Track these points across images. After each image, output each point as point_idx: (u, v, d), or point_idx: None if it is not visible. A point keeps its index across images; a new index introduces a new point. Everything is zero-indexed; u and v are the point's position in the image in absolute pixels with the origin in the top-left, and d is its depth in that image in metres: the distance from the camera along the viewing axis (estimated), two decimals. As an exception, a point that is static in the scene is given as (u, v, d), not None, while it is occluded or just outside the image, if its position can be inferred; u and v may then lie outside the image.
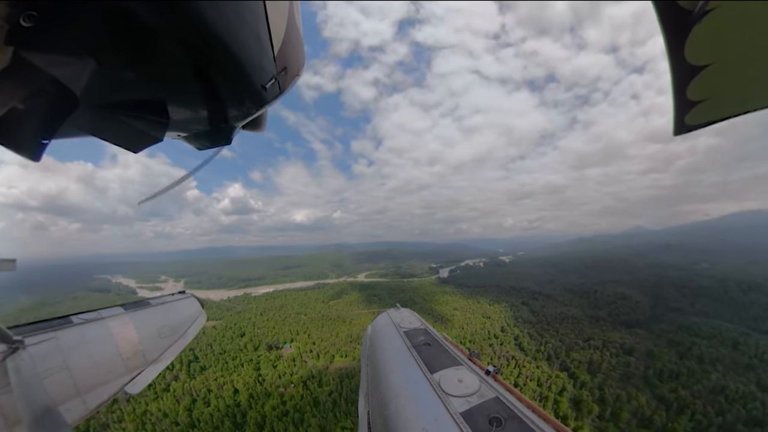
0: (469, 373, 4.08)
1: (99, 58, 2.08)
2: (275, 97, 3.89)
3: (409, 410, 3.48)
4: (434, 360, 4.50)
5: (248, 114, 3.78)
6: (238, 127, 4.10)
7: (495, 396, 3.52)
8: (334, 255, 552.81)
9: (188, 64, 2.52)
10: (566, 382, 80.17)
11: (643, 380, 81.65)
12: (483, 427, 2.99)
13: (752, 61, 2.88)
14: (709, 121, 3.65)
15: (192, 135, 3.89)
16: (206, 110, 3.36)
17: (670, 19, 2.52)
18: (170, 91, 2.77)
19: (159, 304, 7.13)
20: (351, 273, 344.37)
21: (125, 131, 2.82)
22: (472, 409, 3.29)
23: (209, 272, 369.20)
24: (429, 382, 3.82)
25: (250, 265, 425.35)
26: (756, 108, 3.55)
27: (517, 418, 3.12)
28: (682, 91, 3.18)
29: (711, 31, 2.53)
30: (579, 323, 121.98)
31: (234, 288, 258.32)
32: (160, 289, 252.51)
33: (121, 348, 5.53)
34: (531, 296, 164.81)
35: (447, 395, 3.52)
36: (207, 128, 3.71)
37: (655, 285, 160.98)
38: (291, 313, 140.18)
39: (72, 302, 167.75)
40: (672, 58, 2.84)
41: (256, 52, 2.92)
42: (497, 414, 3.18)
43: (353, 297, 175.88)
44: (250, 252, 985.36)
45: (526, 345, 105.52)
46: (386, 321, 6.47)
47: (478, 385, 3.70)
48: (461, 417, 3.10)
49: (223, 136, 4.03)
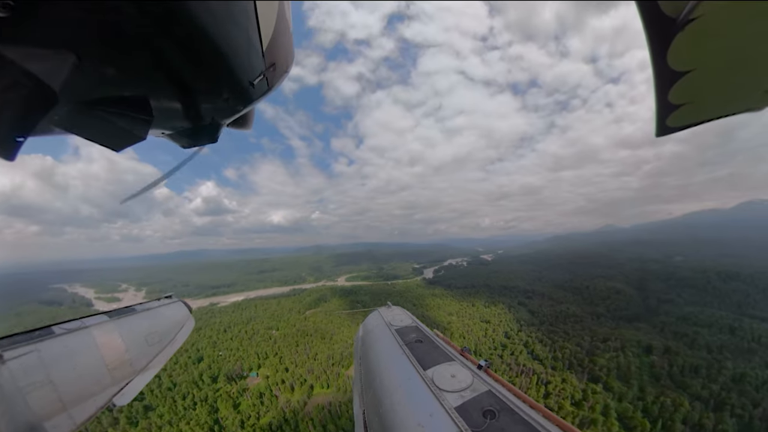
0: (462, 368, 4.14)
1: (79, 53, 2.00)
2: (263, 94, 3.75)
3: (404, 407, 3.53)
4: (427, 356, 4.54)
5: (235, 111, 3.65)
6: (225, 124, 3.95)
7: (488, 389, 3.59)
8: (313, 257, 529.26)
9: (173, 59, 2.41)
10: (605, 397, 70.49)
11: (670, 379, 78.32)
12: (477, 421, 3.07)
13: (731, 68, 3.15)
14: (689, 124, 3.94)
15: (176, 133, 3.70)
16: (191, 107, 3.18)
17: (654, 26, 2.66)
18: (154, 88, 2.66)
19: (145, 310, 6.82)
20: (330, 276, 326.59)
21: (107, 129, 2.71)
22: (466, 403, 3.36)
23: (176, 279, 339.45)
24: (422, 379, 3.87)
25: (222, 270, 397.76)
26: (733, 112, 3.94)
27: (510, 410, 3.21)
28: (664, 94, 3.38)
29: (693, 38, 2.69)
30: (582, 321, 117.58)
31: (200, 297, 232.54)
32: (118, 300, 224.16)
33: (106, 358, 5.28)
34: (524, 295, 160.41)
35: (441, 391, 3.58)
36: (192, 126, 3.53)
37: (641, 278, 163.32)
38: (261, 328, 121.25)
39: (15, 319, 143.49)
40: (655, 63, 3.00)
41: (244, 47, 2.81)
42: (491, 407, 3.27)
43: (333, 305, 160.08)
44: (224, 255, 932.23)
45: (540, 352, 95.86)
46: (378, 320, 6.48)
47: (471, 380, 3.78)
48: (455, 411, 3.18)
49: (209, 133, 3.85)
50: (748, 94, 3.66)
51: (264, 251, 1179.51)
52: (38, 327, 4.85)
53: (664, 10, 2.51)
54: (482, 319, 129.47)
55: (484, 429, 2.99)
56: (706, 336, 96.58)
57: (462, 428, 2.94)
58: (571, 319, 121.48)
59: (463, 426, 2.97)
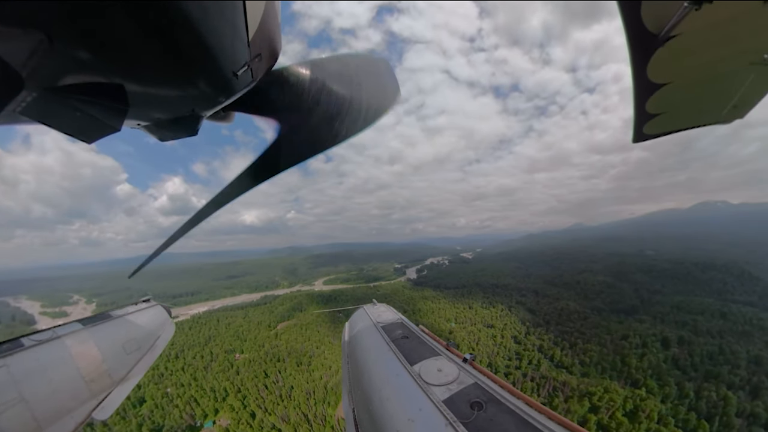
0: (448, 362, 4.20)
1: (50, 33, 1.80)
2: (247, 86, 3.56)
3: (393, 403, 3.59)
4: (413, 352, 4.59)
5: (216, 103, 3.43)
6: (205, 116, 3.77)
7: (474, 381, 3.69)
8: (288, 259, 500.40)
9: (152, 44, 2.21)
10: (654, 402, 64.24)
11: (694, 370, 76.62)
12: (465, 412, 3.16)
13: (704, 83, 3.53)
14: (664, 132, 4.33)
15: (153, 124, 3.49)
16: (170, 97, 2.98)
17: (637, 40, 2.90)
18: (130, 75, 2.43)
19: (121, 316, 6.53)
20: (307, 280, 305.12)
21: (78, 119, 2.44)
22: (454, 396, 3.44)
23: (135, 287, 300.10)
24: (410, 374, 3.92)
25: (188, 276, 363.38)
26: (704, 123, 4.37)
27: (496, 400, 3.33)
28: (642, 104, 3.70)
29: (672, 54, 2.98)
30: (588, 318, 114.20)
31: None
32: (65, 316, 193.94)
33: (83, 369, 4.98)
34: (519, 293, 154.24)
35: (428, 385, 3.64)
36: (170, 117, 3.34)
37: (625, 272, 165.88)
38: (221, 352, 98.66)
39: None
40: (636, 75, 3.27)
41: (229, 35, 2.67)
42: (477, 398, 3.36)
43: (310, 315, 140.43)
44: (193, 259, 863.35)
45: (561, 357, 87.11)
46: (363, 317, 6.53)
47: (457, 373, 3.86)
48: (444, 404, 3.24)
49: (189, 126, 3.64)
50: (718, 107, 4.06)
51: (235, 254, 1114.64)
52: (5, 340, 4.54)
53: (647, 26, 2.74)
54: (485, 323, 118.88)
55: (472, 420, 3.06)
56: (704, 323, 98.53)
57: (451, 420, 3.00)
58: (575, 316, 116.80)
59: (452, 418, 3.02)
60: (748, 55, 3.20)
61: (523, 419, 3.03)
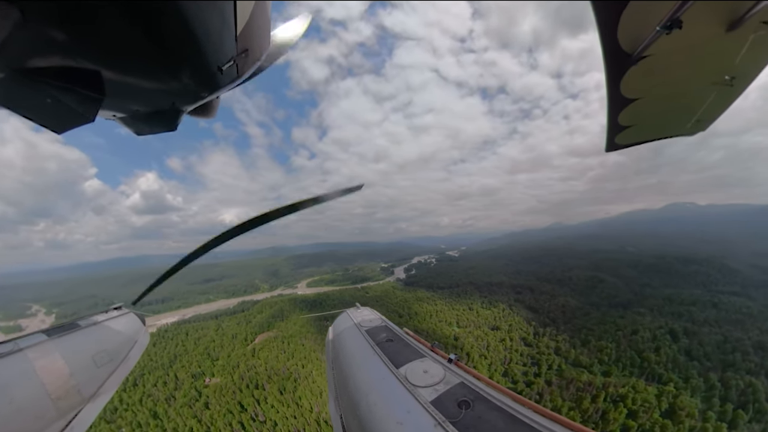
0: (433, 363, 4.26)
1: (24, 8, 1.66)
2: (231, 82, 3.42)
3: (380, 407, 3.59)
4: (398, 355, 4.61)
5: (199, 97, 3.29)
6: (186, 111, 3.60)
7: (460, 381, 3.75)
8: (269, 260, 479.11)
9: (134, 29, 2.06)
10: (690, 400, 62.57)
11: (708, 360, 76.86)
12: (453, 412, 3.21)
13: (670, 99, 3.95)
14: (634, 143, 4.75)
15: (130, 116, 3.27)
16: (150, 88, 2.76)
17: (613, 58, 3.17)
18: (109, 61, 2.23)
19: (90, 325, 6.03)
20: (289, 282, 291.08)
21: (48, 105, 2.21)
22: (441, 396, 3.49)
23: (101, 294, 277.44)
24: (396, 377, 3.94)
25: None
26: (670, 135, 4.85)
27: (483, 398, 3.39)
28: (614, 116, 4.02)
29: (643, 73, 3.30)
30: (590, 314, 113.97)
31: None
32: (19, 330, 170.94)
33: (49, 386, 4.55)
34: (515, 291, 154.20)
35: (415, 387, 3.66)
36: (149, 110, 3.15)
37: (613, 267, 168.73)
38: (187, 377, 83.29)
39: None
40: (610, 89, 3.56)
41: (217, 27, 2.54)
42: (465, 397, 3.41)
43: (293, 326, 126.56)
44: (168, 261, 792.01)
45: (577, 357, 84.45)
46: (347, 321, 6.47)
47: (443, 374, 3.90)
48: (431, 405, 3.28)
49: (168, 120, 3.45)
50: (683, 121, 4.53)
51: (214, 255, 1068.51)
52: None
53: (622, 46, 3.01)
54: (489, 325, 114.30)
55: (460, 419, 3.09)
56: (699, 313, 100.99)
57: (440, 421, 3.02)
58: (577, 313, 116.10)
59: (440, 418, 3.05)
60: (711, 76, 3.64)
61: (511, 414, 3.12)
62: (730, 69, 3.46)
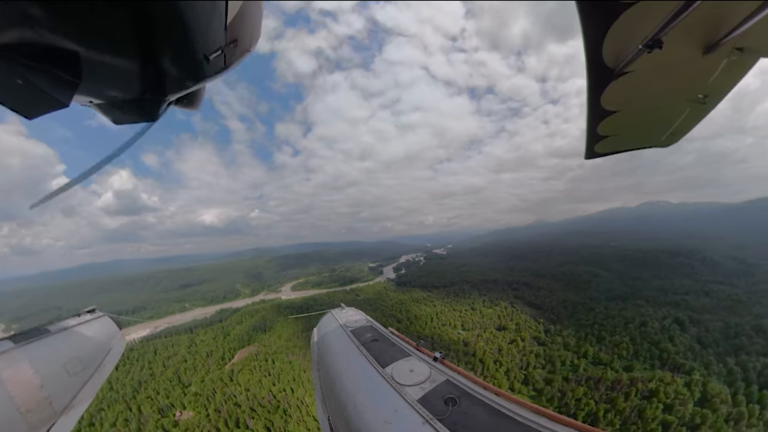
0: (419, 361, 4.29)
1: None
2: (217, 72, 3.28)
3: (368, 407, 3.60)
4: (384, 354, 4.60)
5: (183, 87, 3.09)
6: (169, 101, 3.36)
7: (446, 379, 3.81)
8: (252, 262, 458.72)
9: (118, 10, 1.93)
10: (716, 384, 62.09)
11: (719, 345, 77.43)
12: (440, 409, 3.26)
13: (647, 113, 4.22)
14: (611, 151, 4.95)
15: (108, 103, 2.98)
16: (131, 73, 2.49)
17: (595, 73, 3.34)
18: (88, 40, 2.00)
19: (61, 330, 5.69)
20: (272, 285, 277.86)
21: (19, 87, 1.94)
22: (427, 394, 3.53)
23: (68, 305, 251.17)
24: (382, 377, 3.96)
25: (135, 287, 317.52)
26: (646, 146, 5.11)
27: (469, 395, 3.45)
28: (594, 127, 4.21)
29: (623, 87, 3.49)
30: (594, 308, 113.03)
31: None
32: None
33: (17, 398, 4.23)
34: (512, 288, 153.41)
35: (401, 386, 3.69)
36: (128, 97, 2.87)
37: (602, 262, 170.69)
38: (152, 413, 68.89)
39: None
40: (590, 101, 3.77)
41: (206, 13, 2.44)
42: (451, 394, 3.47)
43: (278, 339, 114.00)
44: (144, 266, 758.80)
45: (596, 354, 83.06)
46: (332, 322, 6.34)
47: (429, 372, 3.95)
48: (418, 403, 3.32)
49: (149, 109, 3.17)
50: (658, 134, 4.78)
51: (193, 258, 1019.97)
52: None
53: (606, 61, 3.17)
54: (495, 325, 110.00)
55: (447, 416, 3.13)
56: (693, 302, 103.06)
57: (427, 418, 3.05)
58: (581, 308, 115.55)
59: (427, 416, 3.08)
60: (686, 93, 3.91)
61: (496, 409, 3.22)
62: (704, 88, 3.79)
